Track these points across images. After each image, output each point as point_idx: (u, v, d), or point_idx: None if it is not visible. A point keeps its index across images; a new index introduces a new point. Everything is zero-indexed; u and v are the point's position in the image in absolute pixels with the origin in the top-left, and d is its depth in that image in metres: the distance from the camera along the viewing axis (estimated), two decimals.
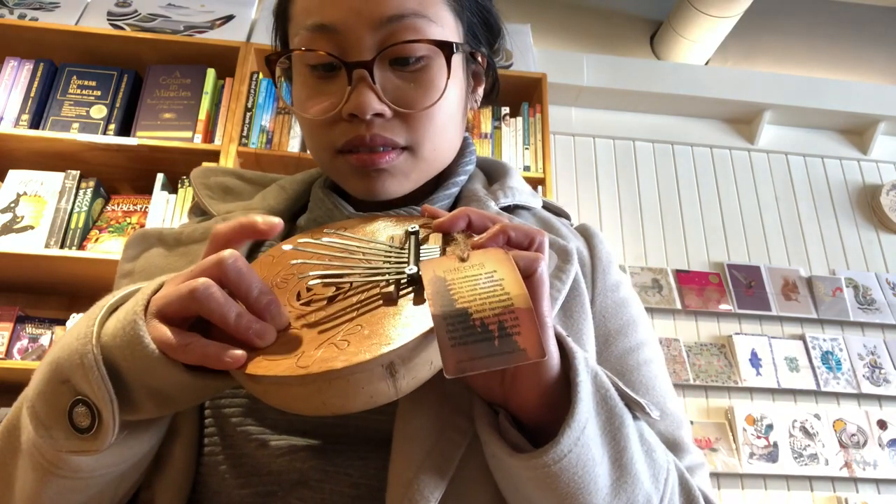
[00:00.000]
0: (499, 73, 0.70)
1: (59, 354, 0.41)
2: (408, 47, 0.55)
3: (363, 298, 0.43)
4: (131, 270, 0.61)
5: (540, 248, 0.43)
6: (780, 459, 2.21)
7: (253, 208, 0.64)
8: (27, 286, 2.04)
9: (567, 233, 0.64)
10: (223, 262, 0.40)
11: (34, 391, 0.42)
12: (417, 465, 0.44)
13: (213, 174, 0.70)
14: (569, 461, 0.41)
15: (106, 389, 0.38)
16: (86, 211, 1.95)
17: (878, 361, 2.42)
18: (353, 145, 0.56)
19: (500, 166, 0.71)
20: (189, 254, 0.61)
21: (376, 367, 0.38)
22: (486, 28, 0.64)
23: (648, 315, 2.40)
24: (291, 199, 0.66)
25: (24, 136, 1.94)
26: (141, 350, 0.39)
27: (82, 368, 0.39)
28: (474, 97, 0.66)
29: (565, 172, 2.62)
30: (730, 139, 2.78)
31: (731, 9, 2.59)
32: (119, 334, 0.40)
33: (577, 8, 2.97)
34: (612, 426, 0.44)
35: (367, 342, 0.39)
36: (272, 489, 0.48)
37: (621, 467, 0.44)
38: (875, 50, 3.09)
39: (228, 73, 2.13)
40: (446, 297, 0.38)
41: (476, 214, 0.45)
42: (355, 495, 0.47)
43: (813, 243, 2.65)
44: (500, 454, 0.43)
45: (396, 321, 0.40)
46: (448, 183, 0.64)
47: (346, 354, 0.38)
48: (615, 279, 0.63)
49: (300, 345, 0.40)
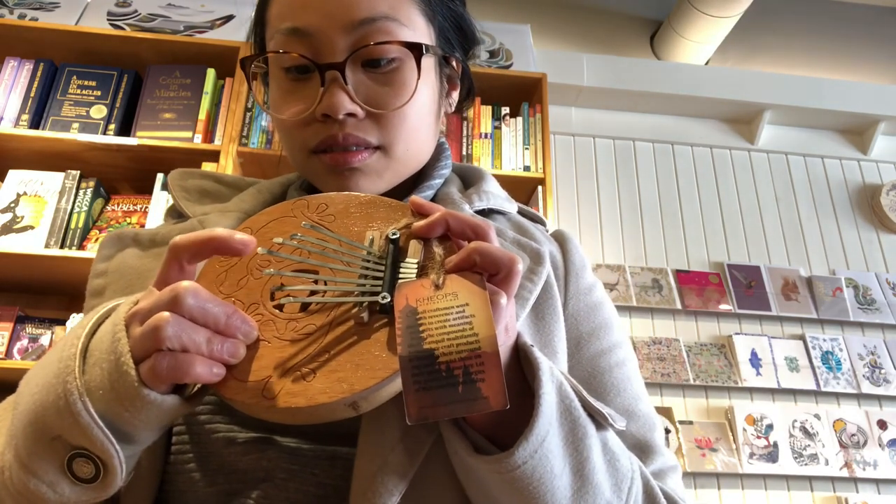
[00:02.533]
0: (499, 73, 0.70)
1: (41, 413, 0.40)
2: (379, 49, 0.56)
3: (335, 316, 0.43)
4: (104, 270, 0.61)
5: (510, 276, 0.42)
6: (780, 459, 2.21)
7: (229, 210, 0.64)
8: (27, 286, 2.04)
9: (541, 237, 0.65)
10: (181, 301, 0.39)
11: (24, 451, 0.40)
12: (382, 461, 0.45)
13: (190, 177, 0.71)
14: (523, 472, 0.42)
15: (110, 443, 0.39)
16: (86, 211, 1.95)
17: (878, 361, 2.42)
18: (327, 145, 0.57)
19: (475, 171, 0.72)
20: (163, 254, 0.60)
21: (339, 405, 0.39)
22: (459, 33, 0.66)
23: (648, 315, 2.42)
24: (268, 201, 0.67)
25: (24, 136, 1.94)
26: (140, 396, 0.38)
27: (78, 427, 0.38)
28: (448, 101, 0.68)
29: (565, 172, 2.62)
30: (730, 139, 2.79)
31: (731, 9, 2.59)
32: (113, 386, 0.39)
33: (577, 8, 2.97)
34: (574, 437, 0.45)
35: (333, 377, 0.40)
36: (238, 487, 0.48)
37: (583, 477, 0.45)
38: (875, 50, 3.09)
39: (228, 73, 2.13)
40: (415, 334, 0.38)
41: (455, 220, 0.44)
42: (321, 495, 0.47)
43: (813, 243, 2.65)
44: (461, 452, 0.44)
45: (364, 359, 0.40)
46: (423, 186, 0.65)
47: (310, 392, 0.39)
48: (588, 283, 0.65)
49: (268, 366, 0.41)
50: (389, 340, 0.41)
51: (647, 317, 2.40)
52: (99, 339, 0.41)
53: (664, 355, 2.32)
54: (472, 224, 0.44)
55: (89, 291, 0.60)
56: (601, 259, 2.48)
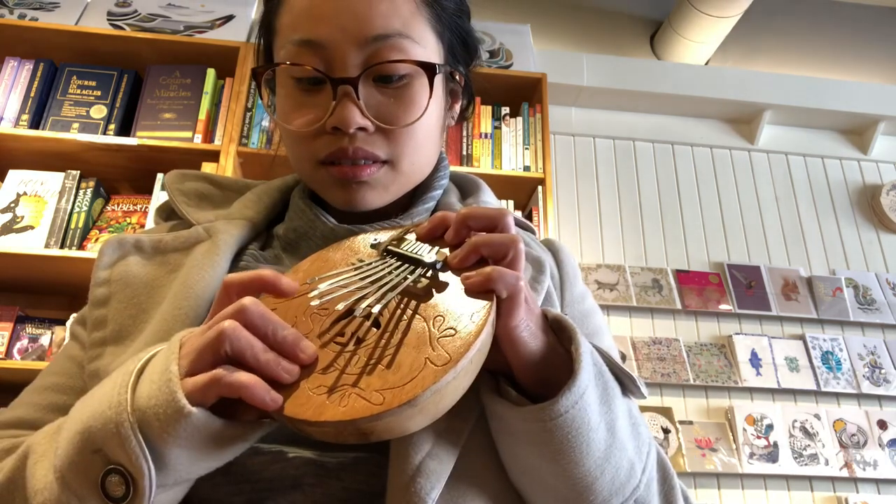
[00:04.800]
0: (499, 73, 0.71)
1: (89, 423, 0.41)
2: (392, 66, 0.57)
3: (389, 331, 0.44)
4: (107, 279, 0.60)
5: (516, 256, 0.45)
6: (781, 459, 2.21)
7: (234, 218, 0.65)
8: (27, 286, 2.04)
9: (536, 246, 0.67)
10: (246, 308, 0.41)
11: (64, 460, 0.41)
12: (422, 454, 0.46)
13: (186, 179, 0.71)
14: (565, 420, 0.44)
15: (144, 459, 0.38)
16: (86, 211, 1.95)
17: (878, 361, 2.42)
18: (336, 157, 0.58)
19: (472, 181, 0.74)
20: (168, 263, 0.61)
21: (406, 408, 0.39)
22: (464, 48, 0.67)
23: (649, 315, 2.42)
24: (268, 207, 0.68)
25: (24, 136, 1.94)
26: (175, 407, 0.38)
27: (118, 437, 0.39)
28: (451, 114, 0.69)
29: (565, 172, 2.62)
30: (730, 139, 2.79)
31: (731, 9, 2.59)
32: (154, 395, 0.39)
33: (577, 8, 2.97)
34: (607, 396, 0.48)
35: (396, 382, 0.40)
36: (264, 495, 0.48)
37: (613, 435, 0.47)
38: (875, 50, 3.09)
39: (228, 73, 2.13)
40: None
41: (473, 220, 0.47)
42: (345, 498, 0.48)
43: (813, 243, 2.65)
44: (500, 409, 0.46)
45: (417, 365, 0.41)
46: (425, 197, 0.66)
47: (356, 406, 0.39)
48: (581, 291, 0.67)
49: (326, 386, 0.41)
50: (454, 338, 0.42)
51: (647, 317, 2.40)
52: (153, 365, 0.42)
53: (664, 355, 2.32)
54: (488, 215, 0.47)
55: (92, 301, 0.59)
56: (601, 259, 2.48)
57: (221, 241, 0.61)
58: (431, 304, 0.44)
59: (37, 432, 0.47)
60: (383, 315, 0.45)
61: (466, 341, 0.40)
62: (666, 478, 0.55)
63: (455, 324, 0.42)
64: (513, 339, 0.45)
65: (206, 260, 0.59)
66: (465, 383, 0.42)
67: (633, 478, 0.49)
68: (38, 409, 0.56)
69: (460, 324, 0.42)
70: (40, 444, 0.45)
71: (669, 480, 0.55)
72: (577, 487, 0.46)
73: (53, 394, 0.57)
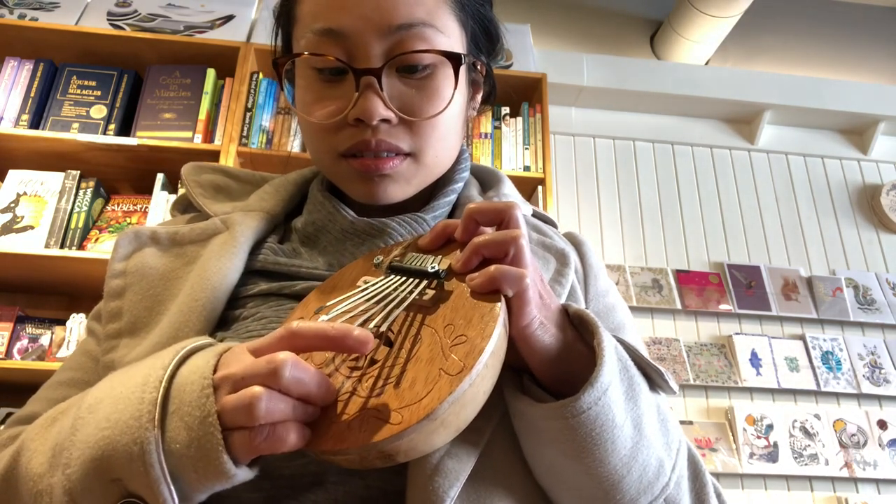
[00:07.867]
0: (499, 73, 0.71)
1: (107, 452, 0.39)
2: (416, 56, 0.55)
3: (403, 349, 0.43)
4: (123, 270, 0.60)
5: (518, 251, 0.45)
6: (781, 459, 2.21)
7: (251, 209, 0.64)
8: (27, 286, 2.04)
9: (558, 239, 0.66)
10: (279, 373, 0.38)
11: (79, 484, 0.39)
12: (441, 453, 0.45)
13: (203, 171, 0.70)
14: (588, 417, 0.43)
15: (173, 501, 0.38)
16: (86, 211, 1.95)
17: (878, 361, 2.42)
18: (358, 149, 0.56)
19: (493, 174, 0.72)
20: (185, 255, 0.60)
21: (426, 423, 0.38)
22: (486, 37, 0.65)
23: (649, 315, 2.41)
24: (286, 200, 0.67)
25: (24, 136, 1.94)
26: (219, 470, 0.38)
27: (146, 478, 0.37)
28: (472, 104, 0.68)
29: (565, 172, 2.62)
30: (730, 139, 2.78)
31: (731, 9, 2.59)
32: (194, 444, 0.38)
33: (577, 8, 2.97)
34: (632, 392, 0.47)
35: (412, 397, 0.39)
36: (285, 493, 0.48)
37: (640, 431, 0.46)
38: (875, 50, 3.09)
39: (228, 73, 2.13)
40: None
41: (480, 215, 0.47)
42: (366, 496, 0.47)
43: (813, 243, 2.65)
44: (522, 406, 0.46)
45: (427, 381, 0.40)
46: (447, 190, 0.65)
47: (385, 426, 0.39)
48: (604, 285, 0.65)
49: (345, 412, 0.41)
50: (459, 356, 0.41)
51: (647, 317, 2.40)
52: (181, 387, 0.40)
53: (664, 355, 2.32)
54: (495, 209, 0.47)
55: (108, 293, 0.59)
56: (601, 259, 2.48)
57: (239, 233, 0.60)
58: (440, 314, 0.43)
59: (30, 426, 0.47)
60: (393, 332, 0.44)
61: (478, 347, 0.39)
62: (697, 475, 0.53)
63: (465, 330, 0.41)
64: (526, 337, 0.44)
65: (223, 251, 0.58)
66: (484, 388, 0.41)
67: (663, 476, 0.47)
68: (53, 403, 0.56)
69: (470, 329, 0.41)
70: (33, 441, 0.45)
71: (701, 478, 0.54)
72: (602, 486, 0.45)
73: (68, 389, 0.57)
